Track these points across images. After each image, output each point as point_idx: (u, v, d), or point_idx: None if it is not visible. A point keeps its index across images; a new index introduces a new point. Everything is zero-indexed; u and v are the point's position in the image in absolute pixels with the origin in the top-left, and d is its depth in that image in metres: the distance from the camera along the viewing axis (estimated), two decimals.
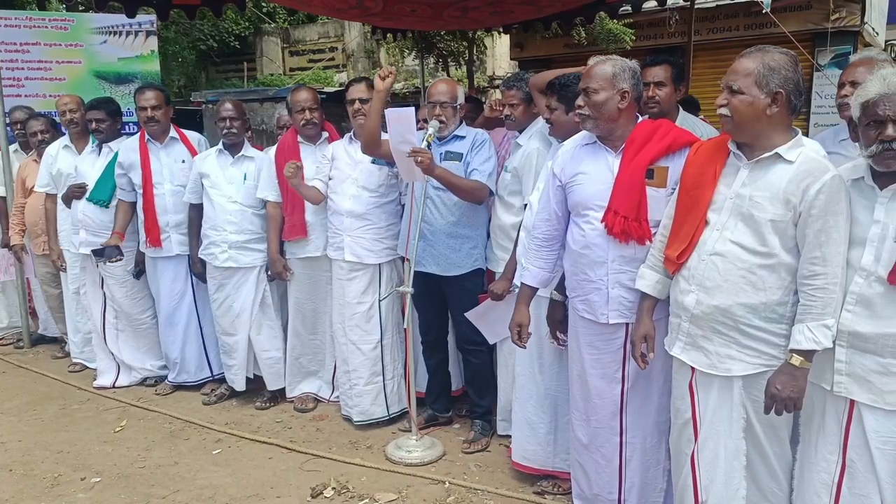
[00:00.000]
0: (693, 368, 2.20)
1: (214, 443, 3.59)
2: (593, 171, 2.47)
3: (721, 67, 2.12)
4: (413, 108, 3.15)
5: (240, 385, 4.07)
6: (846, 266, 1.97)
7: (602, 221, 2.40)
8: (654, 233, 2.36)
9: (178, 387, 4.27)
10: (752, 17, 7.98)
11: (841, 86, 2.65)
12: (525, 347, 2.73)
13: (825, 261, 1.94)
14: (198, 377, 4.25)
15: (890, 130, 1.85)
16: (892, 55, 10.09)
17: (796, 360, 1.97)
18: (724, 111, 2.07)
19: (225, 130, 3.84)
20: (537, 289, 2.69)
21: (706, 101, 5.56)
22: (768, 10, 7.52)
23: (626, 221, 2.34)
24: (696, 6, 5.64)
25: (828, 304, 1.94)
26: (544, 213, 2.63)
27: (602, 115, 2.41)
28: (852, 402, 1.99)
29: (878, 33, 9.13)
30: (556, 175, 2.58)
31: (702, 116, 3.74)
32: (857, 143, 2.56)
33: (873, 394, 1.95)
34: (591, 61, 2.49)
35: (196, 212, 3.98)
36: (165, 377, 4.35)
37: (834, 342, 1.97)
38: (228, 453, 3.47)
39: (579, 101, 2.46)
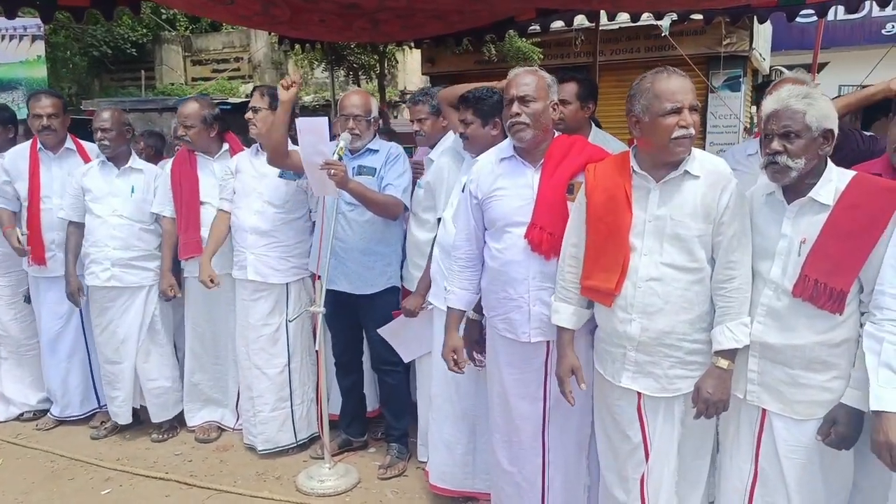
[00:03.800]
0: (639, 394, 2.17)
1: (104, 482, 3.28)
2: (513, 186, 2.41)
3: (624, 87, 2.11)
4: (326, 118, 3.01)
5: (125, 418, 3.74)
6: (756, 278, 2.03)
7: (525, 237, 2.34)
8: None
9: (63, 421, 3.89)
10: (653, 39, 8.38)
11: None
12: (463, 373, 2.61)
13: (739, 263, 2.01)
14: (83, 410, 3.90)
15: (774, 144, 1.92)
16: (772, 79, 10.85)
17: (723, 362, 2.01)
18: (693, 131, 2.01)
19: (97, 142, 3.58)
20: (465, 311, 2.60)
21: (612, 117, 5.74)
22: (667, 33, 7.92)
23: (553, 238, 2.30)
24: (600, 28, 5.79)
25: (743, 303, 2.01)
26: (463, 232, 2.56)
27: (540, 124, 2.36)
28: (764, 410, 2.04)
29: (764, 59, 9.80)
30: (472, 193, 2.51)
31: None
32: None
33: (783, 403, 2.00)
34: (518, 71, 2.44)
35: (75, 229, 3.65)
36: (47, 411, 3.96)
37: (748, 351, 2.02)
38: (120, 493, 3.18)
39: (516, 110, 2.36)
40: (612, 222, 2.12)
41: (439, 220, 3.00)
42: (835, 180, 1.95)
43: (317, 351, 3.24)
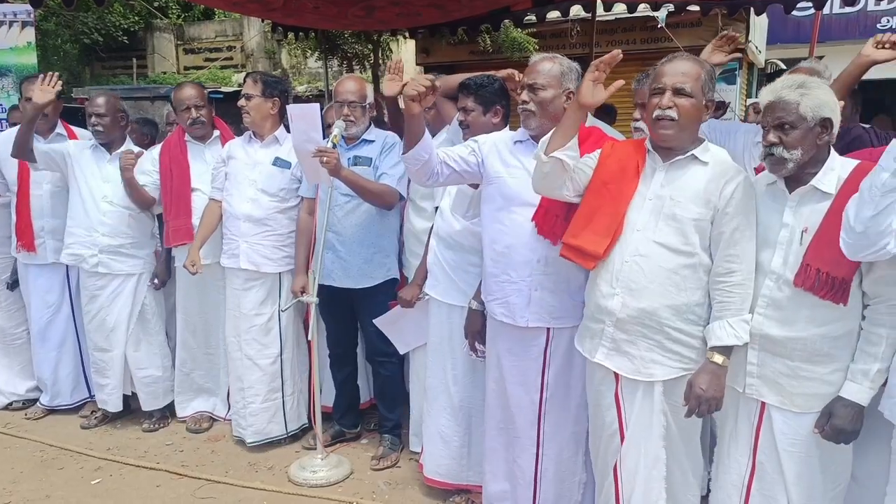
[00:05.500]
0: (618, 378, 2.15)
1: (94, 471, 3.24)
2: (525, 166, 2.39)
3: (619, 78, 2.08)
4: (318, 105, 2.97)
5: (114, 406, 3.70)
6: (757, 269, 2.00)
7: (533, 220, 2.32)
8: None
9: (53, 410, 3.84)
10: (649, 31, 8.34)
11: None
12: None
13: (741, 258, 1.98)
14: (74, 399, 3.85)
15: (770, 136, 1.90)
16: (771, 71, 10.84)
17: (718, 358, 1.98)
18: (671, 113, 1.99)
19: (91, 128, 3.52)
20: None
21: None
22: (663, 24, 7.88)
23: (558, 220, 2.28)
24: (596, 19, 5.76)
25: (745, 299, 1.97)
26: (445, 151, 2.48)
27: (547, 112, 2.34)
28: (763, 403, 2.02)
29: (760, 51, 9.79)
30: (478, 142, 2.49)
31: None
32: None
33: (783, 396, 1.98)
34: (536, 57, 2.42)
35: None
36: (36, 400, 3.91)
37: (746, 345, 1.99)
38: (110, 482, 3.14)
39: (524, 97, 2.37)
40: (615, 189, 2.11)
41: (436, 208, 2.97)
42: (837, 169, 1.92)
43: (309, 342, 3.20)
